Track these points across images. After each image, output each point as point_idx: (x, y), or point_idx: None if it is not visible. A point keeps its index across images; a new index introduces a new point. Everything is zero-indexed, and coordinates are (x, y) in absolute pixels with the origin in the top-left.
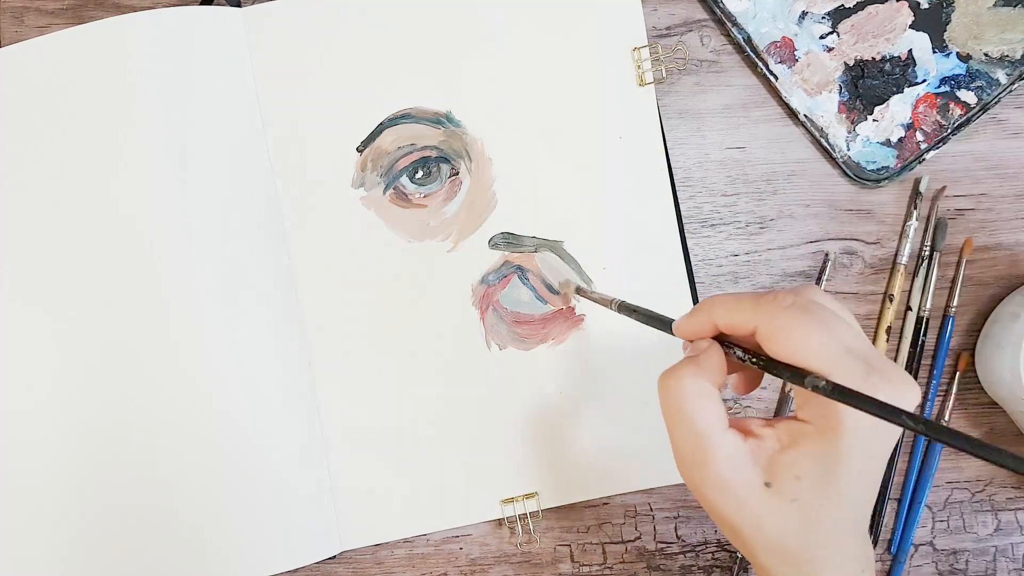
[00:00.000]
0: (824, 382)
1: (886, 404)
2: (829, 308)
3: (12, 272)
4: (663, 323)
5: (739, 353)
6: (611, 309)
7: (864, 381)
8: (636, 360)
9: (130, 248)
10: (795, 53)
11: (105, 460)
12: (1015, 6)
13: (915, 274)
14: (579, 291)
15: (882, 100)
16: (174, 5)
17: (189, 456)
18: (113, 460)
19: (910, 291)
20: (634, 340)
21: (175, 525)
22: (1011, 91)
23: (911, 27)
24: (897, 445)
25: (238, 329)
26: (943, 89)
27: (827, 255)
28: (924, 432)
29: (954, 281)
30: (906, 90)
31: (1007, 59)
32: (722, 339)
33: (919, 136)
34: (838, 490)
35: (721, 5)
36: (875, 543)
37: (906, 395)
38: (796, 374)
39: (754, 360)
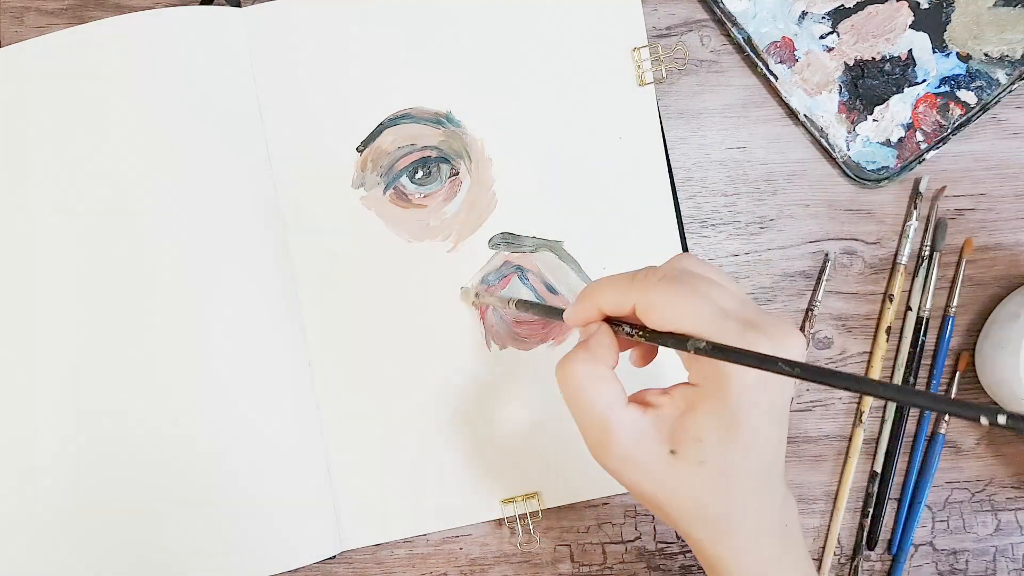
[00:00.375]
0: (704, 343)
1: (761, 355)
2: (702, 274)
3: (11, 271)
4: (557, 314)
5: (627, 330)
6: (511, 308)
7: (740, 337)
8: None
9: (129, 248)
10: (795, 53)
11: (104, 460)
12: (1015, 6)
13: (915, 274)
14: (478, 295)
15: (882, 100)
16: (174, 5)
17: (189, 456)
18: (112, 460)
19: (910, 291)
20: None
21: (174, 525)
22: (1011, 91)
23: (911, 27)
24: (899, 441)
25: (238, 329)
26: (943, 89)
27: (827, 255)
28: (801, 375)
29: (954, 281)
30: (906, 90)
31: (1007, 59)
32: (611, 320)
33: (919, 136)
34: (742, 446)
35: (721, 5)
36: (875, 543)
37: (788, 346)
38: (678, 340)
39: (641, 334)
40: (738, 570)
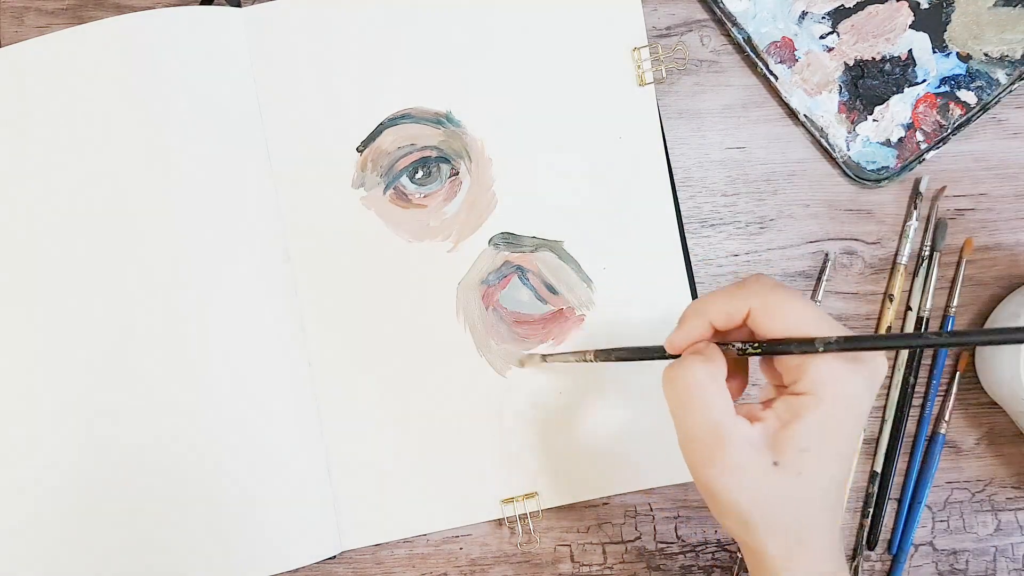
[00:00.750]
0: (835, 339)
1: (905, 334)
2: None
3: (11, 270)
4: (652, 351)
5: (738, 346)
6: (588, 361)
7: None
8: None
9: (129, 248)
10: (795, 53)
11: (104, 461)
12: (1015, 6)
13: (915, 274)
14: (545, 358)
15: (882, 100)
16: (174, 5)
17: (189, 457)
18: (112, 460)
19: (910, 291)
20: (634, 341)
21: (175, 525)
22: (1011, 91)
23: (911, 27)
24: (899, 442)
25: (237, 329)
26: (943, 89)
27: (827, 255)
28: (948, 343)
29: (954, 281)
30: (906, 90)
31: (1007, 59)
32: (717, 342)
33: (919, 136)
34: (836, 456)
35: (721, 5)
36: (875, 543)
37: (877, 363)
38: (801, 343)
39: (756, 346)
40: None
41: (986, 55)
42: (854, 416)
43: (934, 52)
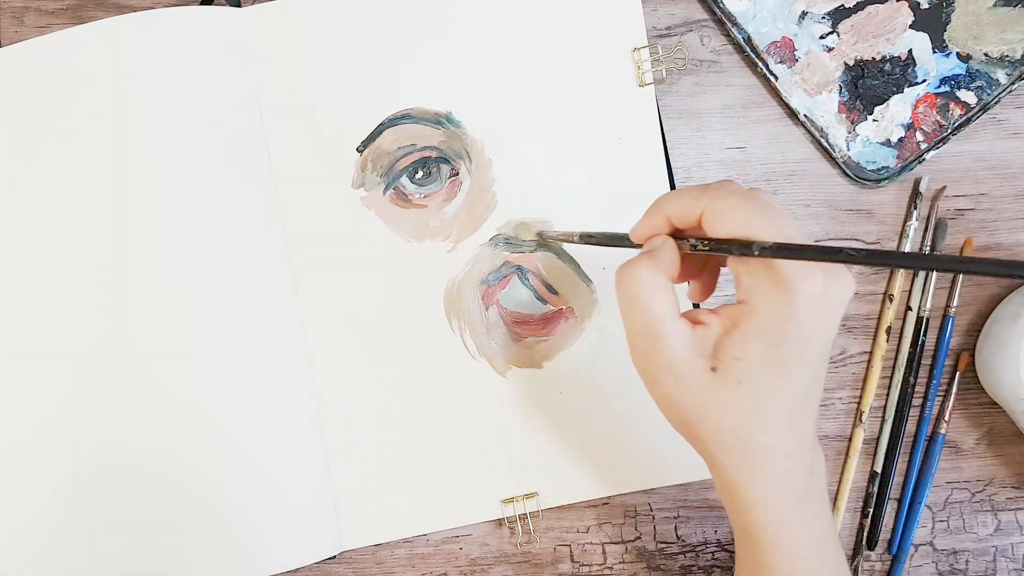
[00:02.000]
0: (770, 244)
1: (828, 247)
2: (770, 203)
3: (11, 271)
4: (621, 238)
5: (691, 242)
6: (575, 242)
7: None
8: None
9: (129, 248)
10: (795, 53)
11: (105, 461)
12: (1015, 6)
13: (915, 274)
14: (540, 235)
15: (882, 100)
16: (174, 5)
17: (189, 457)
18: (113, 461)
19: (910, 291)
20: None
21: (175, 525)
22: (1011, 91)
23: (911, 27)
24: (899, 441)
25: (237, 328)
26: (943, 89)
27: None
28: (868, 261)
29: (954, 281)
30: (906, 90)
31: (1007, 59)
32: (675, 235)
33: (919, 136)
34: (780, 371)
35: (721, 5)
36: (875, 543)
37: (841, 276)
38: (743, 245)
39: (705, 244)
40: (756, 503)
41: (986, 55)
42: (799, 331)
43: (934, 52)
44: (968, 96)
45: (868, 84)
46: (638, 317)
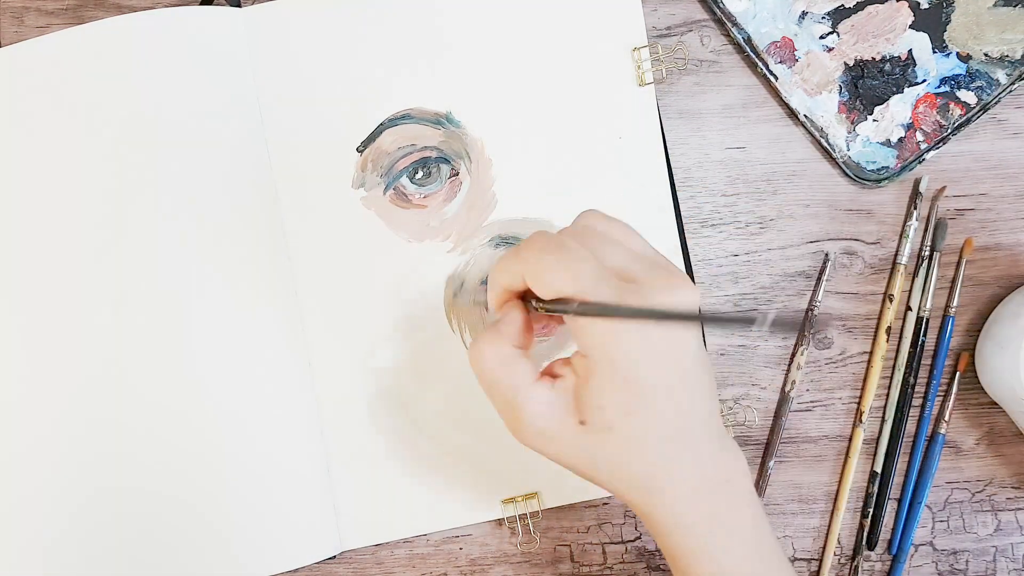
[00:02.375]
0: (575, 304)
1: (629, 307)
2: (602, 231)
3: (11, 272)
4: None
5: (533, 304)
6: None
7: (617, 295)
8: None
9: (128, 248)
10: (795, 53)
11: (105, 461)
12: (1015, 6)
13: (915, 274)
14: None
15: (882, 100)
16: (174, 5)
17: (189, 457)
18: (113, 461)
19: (910, 291)
20: None
21: (175, 525)
22: (1011, 91)
23: (911, 27)
24: (899, 441)
25: (237, 329)
26: (943, 89)
27: (827, 255)
28: (651, 316)
29: (954, 281)
30: (906, 90)
31: (1007, 59)
32: (523, 297)
33: (919, 136)
34: (643, 410)
35: (721, 5)
36: (875, 543)
37: (669, 297)
38: (566, 306)
39: (540, 305)
40: (669, 528)
41: (986, 55)
42: (643, 372)
43: (934, 52)
44: (968, 96)
45: (868, 84)
46: (496, 394)
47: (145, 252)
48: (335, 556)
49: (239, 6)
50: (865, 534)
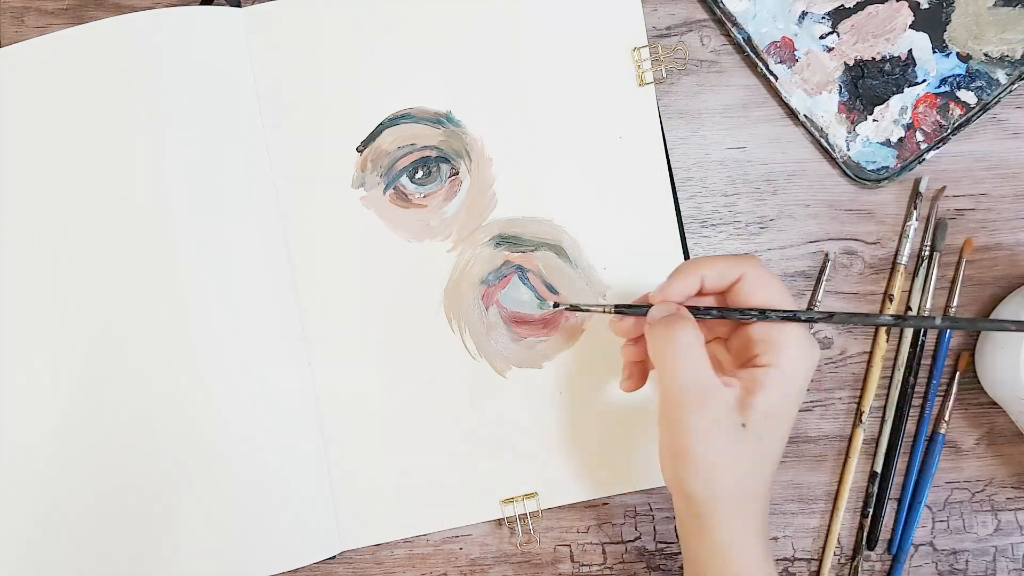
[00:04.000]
0: (819, 313)
1: (858, 312)
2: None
3: (12, 271)
4: (641, 308)
5: (705, 311)
6: (608, 312)
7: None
8: None
9: (129, 248)
10: (795, 53)
11: (105, 461)
12: (1015, 6)
13: (915, 274)
14: (573, 307)
15: (882, 100)
16: (174, 5)
17: (190, 457)
18: (114, 461)
19: (910, 291)
20: None
21: (175, 525)
22: (1011, 91)
23: (911, 27)
24: (899, 441)
25: (237, 328)
26: (943, 89)
27: (827, 255)
28: (894, 322)
29: (954, 281)
30: (906, 90)
31: (1007, 59)
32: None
33: (919, 136)
34: (785, 427)
35: (721, 5)
36: (875, 543)
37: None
38: (763, 313)
39: (714, 311)
40: (735, 542)
41: (986, 55)
42: (802, 388)
43: (934, 52)
44: (968, 96)
45: (868, 84)
46: (690, 372)
47: (144, 252)
48: (335, 556)
49: (239, 6)
50: (865, 534)
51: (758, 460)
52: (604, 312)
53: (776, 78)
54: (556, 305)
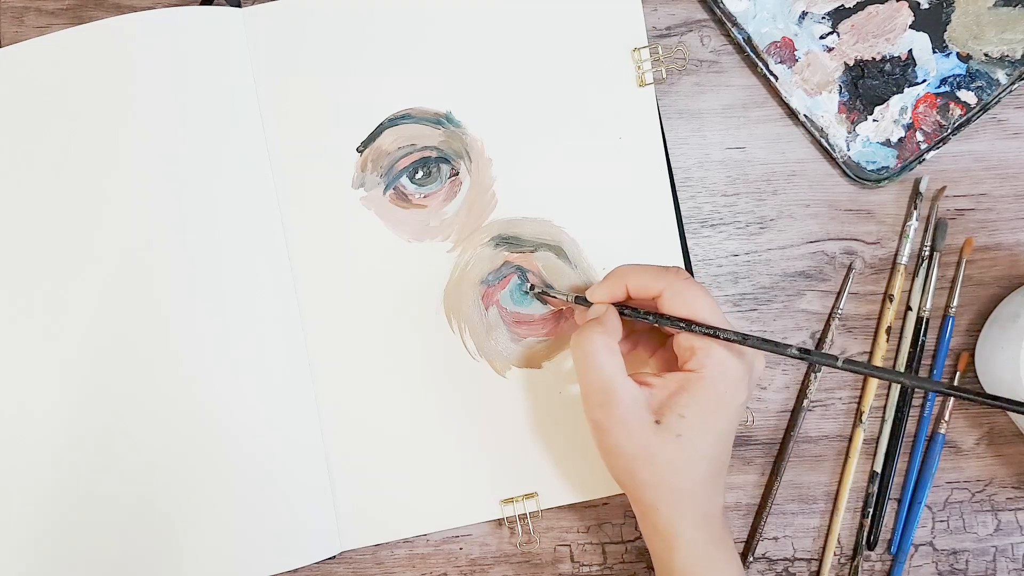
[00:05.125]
0: (733, 332)
1: (768, 340)
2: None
3: (10, 273)
4: (581, 299)
5: (628, 312)
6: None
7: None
8: None
9: (128, 248)
10: (795, 53)
11: (105, 461)
12: (1015, 6)
13: (915, 274)
14: (533, 288)
15: (882, 100)
16: (174, 5)
17: (189, 457)
18: (113, 461)
19: (910, 291)
20: None
21: (175, 525)
22: (1011, 91)
23: (911, 27)
24: (899, 441)
25: (237, 329)
26: (943, 89)
27: (851, 264)
28: (799, 355)
29: (954, 281)
30: (906, 90)
31: (1007, 59)
32: (619, 305)
33: (919, 136)
34: (712, 428)
35: (721, 5)
36: (875, 543)
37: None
38: (689, 324)
39: (651, 316)
40: (681, 542)
41: (986, 55)
42: (730, 399)
43: (934, 52)
44: (968, 96)
45: (868, 84)
46: (595, 375)
47: (144, 253)
48: (335, 556)
49: (239, 6)
50: (865, 534)
51: (681, 457)
52: (567, 303)
53: (776, 78)
54: (532, 288)
